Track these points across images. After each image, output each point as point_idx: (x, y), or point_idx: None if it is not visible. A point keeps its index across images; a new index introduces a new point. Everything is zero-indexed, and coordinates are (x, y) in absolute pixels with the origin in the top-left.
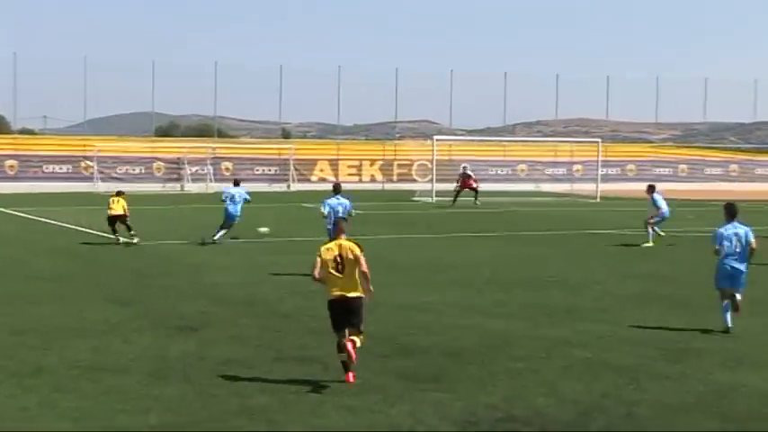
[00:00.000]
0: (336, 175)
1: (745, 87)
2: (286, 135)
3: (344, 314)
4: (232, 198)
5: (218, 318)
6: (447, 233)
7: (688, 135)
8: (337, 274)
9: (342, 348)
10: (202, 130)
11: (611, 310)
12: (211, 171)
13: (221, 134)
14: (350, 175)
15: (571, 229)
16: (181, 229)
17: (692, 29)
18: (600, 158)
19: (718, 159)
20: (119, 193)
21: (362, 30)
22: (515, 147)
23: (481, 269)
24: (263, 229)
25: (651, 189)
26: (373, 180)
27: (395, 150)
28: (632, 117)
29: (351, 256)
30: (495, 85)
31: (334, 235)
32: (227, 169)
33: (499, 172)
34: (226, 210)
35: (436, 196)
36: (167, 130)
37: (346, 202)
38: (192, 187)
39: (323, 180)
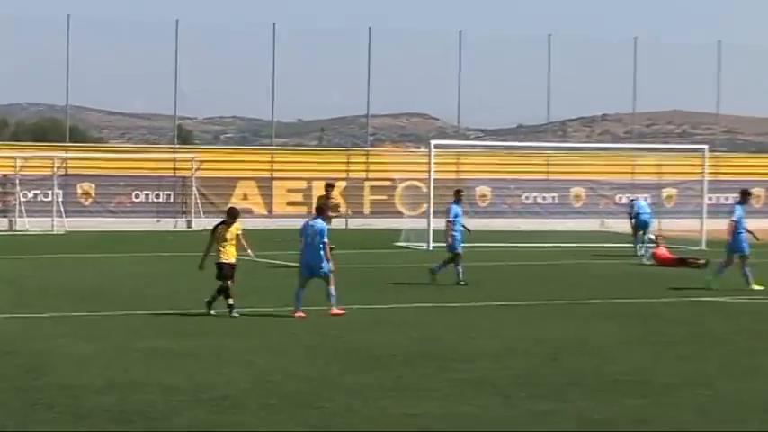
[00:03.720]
0: (270, 206)
1: None
2: (185, 138)
3: None
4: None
5: None
6: (458, 302)
7: None
8: None
9: None
10: (46, 129)
11: None
12: (60, 198)
13: (78, 137)
14: (292, 204)
15: (659, 295)
16: (11, 295)
17: None
18: (706, 177)
19: None
20: (232, 215)
21: None
22: (566, 158)
23: (510, 360)
24: None
25: None
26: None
27: (366, 164)
28: (761, 110)
29: None
30: (534, 56)
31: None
32: (85, 195)
33: (540, 200)
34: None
35: (436, 241)
36: None
37: (322, 225)
38: (27, 225)
39: (247, 212)
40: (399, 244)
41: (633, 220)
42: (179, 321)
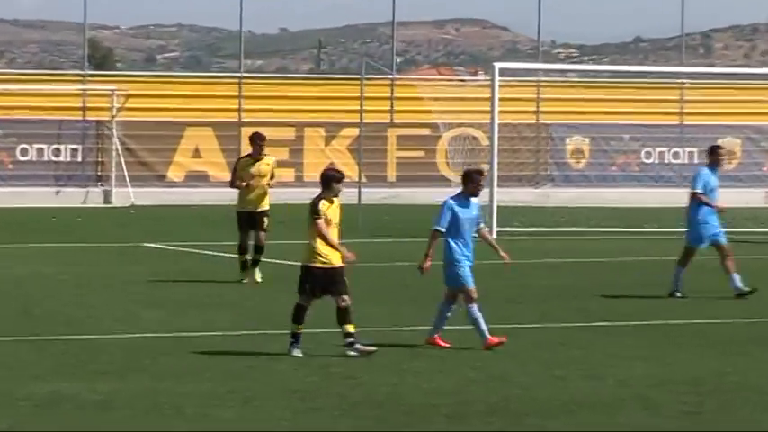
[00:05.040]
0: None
1: None
2: (102, 60)
3: None
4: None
5: None
6: (536, 322)
7: None
8: None
9: None
10: None
11: None
12: None
13: None
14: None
15: None
16: None
17: None
18: None
19: None
20: (331, 181)
21: None
22: (711, 90)
23: (622, 413)
24: None
25: None
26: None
27: (391, 100)
28: None
29: None
30: None
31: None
32: None
33: (669, 158)
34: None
35: (503, 224)
36: None
37: (475, 206)
38: None
39: (200, 178)
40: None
41: None
42: (92, 352)
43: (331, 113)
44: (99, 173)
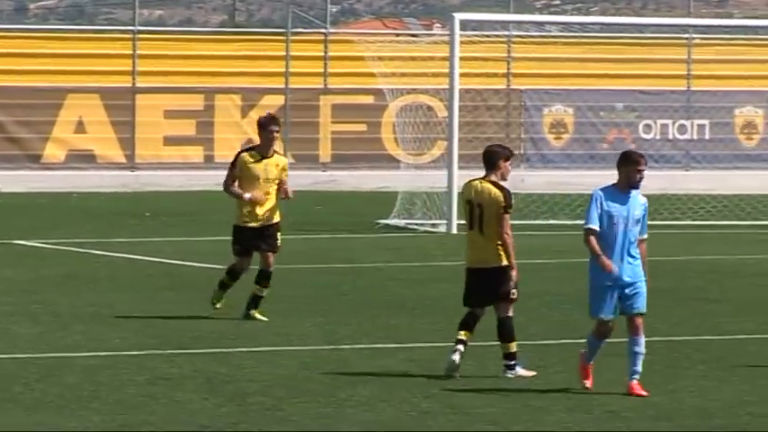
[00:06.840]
0: (131, 146)
1: None
2: None
3: None
4: None
5: None
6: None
7: None
8: None
9: None
10: None
11: None
12: None
13: None
14: (176, 144)
15: None
16: None
17: None
18: None
19: None
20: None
21: None
22: (724, 47)
23: None
24: None
25: None
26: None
27: (324, 60)
28: None
29: None
30: None
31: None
32: None
33: (675, 133)
34: None
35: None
36: None
37: (637, 204)
38: None
39: (84, 158)
40: (390, 222)
41: None
42: None
43: (249, 77)
44: None
